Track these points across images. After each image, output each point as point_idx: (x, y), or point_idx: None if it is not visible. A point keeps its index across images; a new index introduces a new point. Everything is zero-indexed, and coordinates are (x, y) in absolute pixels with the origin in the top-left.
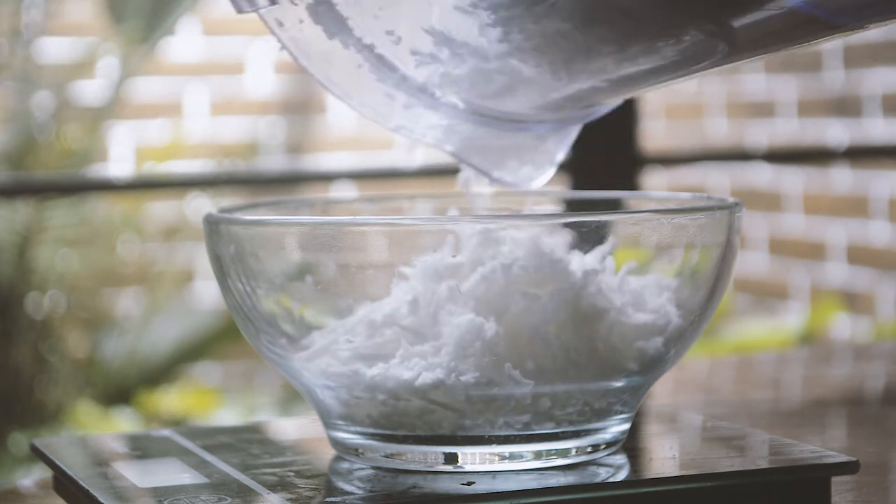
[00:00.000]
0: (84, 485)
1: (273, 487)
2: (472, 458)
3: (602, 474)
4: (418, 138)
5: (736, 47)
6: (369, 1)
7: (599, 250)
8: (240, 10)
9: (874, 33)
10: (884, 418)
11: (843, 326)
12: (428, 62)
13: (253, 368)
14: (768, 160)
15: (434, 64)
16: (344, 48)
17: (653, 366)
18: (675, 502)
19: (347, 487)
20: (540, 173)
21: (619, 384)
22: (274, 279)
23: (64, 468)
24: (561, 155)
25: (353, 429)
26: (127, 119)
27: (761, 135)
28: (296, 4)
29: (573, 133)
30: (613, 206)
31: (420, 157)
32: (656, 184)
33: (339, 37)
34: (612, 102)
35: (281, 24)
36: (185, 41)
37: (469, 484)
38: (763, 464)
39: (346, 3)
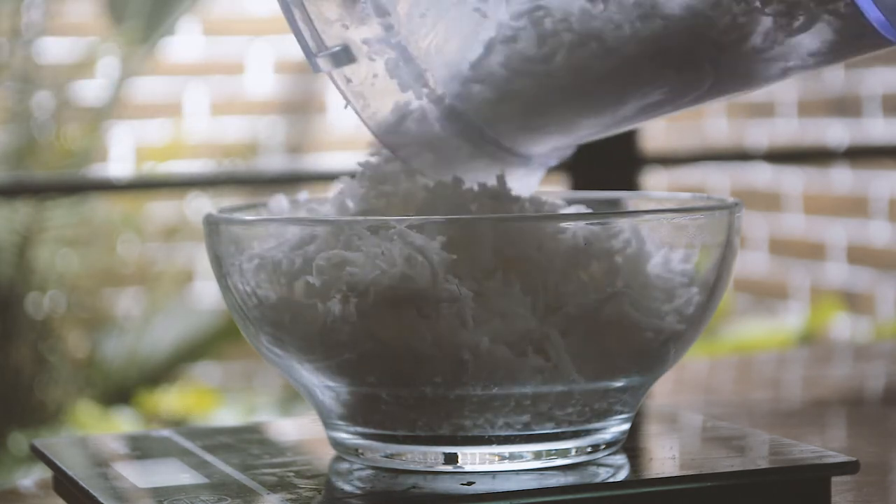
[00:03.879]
0: (84, 485)
1: (273, 487)
2: (472, 458)
3: (602, 474)
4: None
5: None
6: (451, 52)
7: None
8: (317, 70)
9: None
10: (884, 418)
11: (843, 326)
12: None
13: (253, 368)
14: (768, 160)
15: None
16: (417, 99)
17: (653, 366)
18: (675, 502)
19: (347, 487)
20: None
21: (619, 384)
22: None
23: (64, 468)
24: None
25: (353, 429)
26: (127, 119)
27: (761, 135)
28: (373, 60)
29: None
30: (613, 206)
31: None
32: (656, 184)
33: (413, 88)
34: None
35: (349, 81)
36: (185, 41)
37: (469, 484)
38: (763, 464)
39: (426, 57)
